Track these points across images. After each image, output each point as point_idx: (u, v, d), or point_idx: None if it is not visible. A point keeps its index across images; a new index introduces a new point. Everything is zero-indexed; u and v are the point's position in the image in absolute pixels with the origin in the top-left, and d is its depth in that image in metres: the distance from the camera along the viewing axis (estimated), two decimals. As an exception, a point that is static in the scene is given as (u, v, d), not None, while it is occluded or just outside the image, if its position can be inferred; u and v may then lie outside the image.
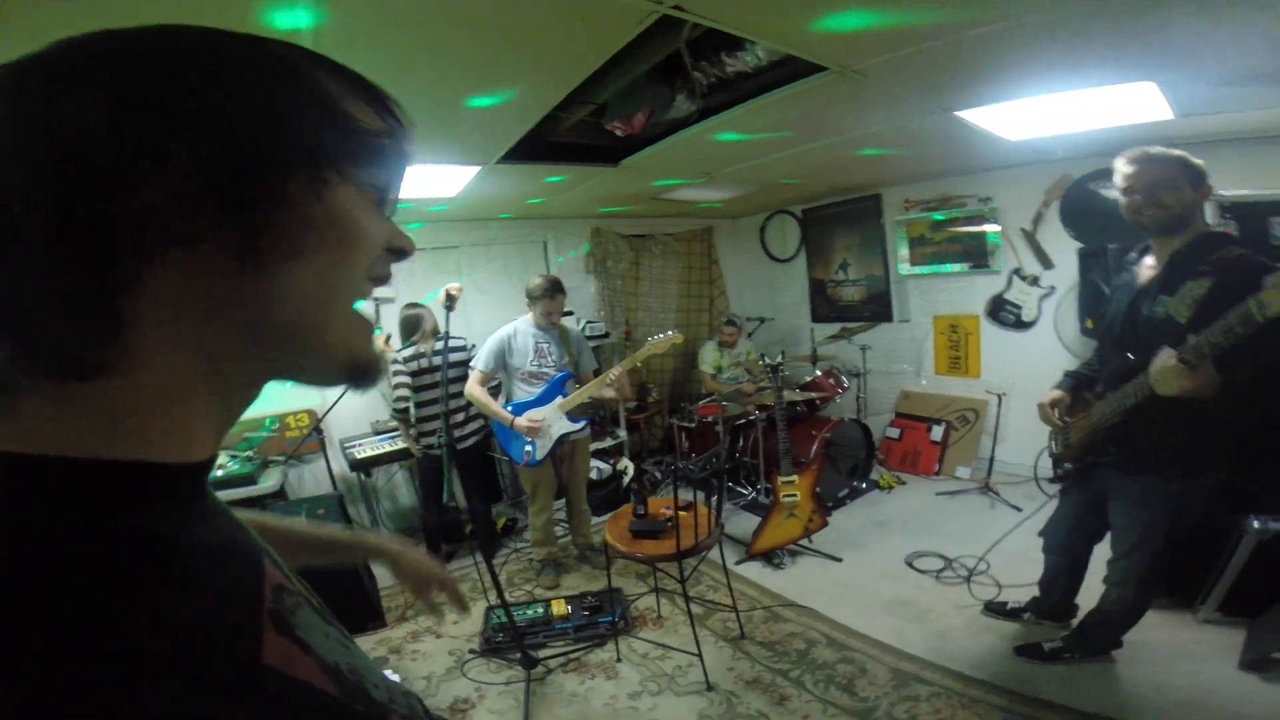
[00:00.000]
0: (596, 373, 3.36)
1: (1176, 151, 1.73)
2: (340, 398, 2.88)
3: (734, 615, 2.64)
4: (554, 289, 3.05)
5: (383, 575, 3.32)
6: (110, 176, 0.28)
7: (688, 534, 2.31)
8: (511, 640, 2.48)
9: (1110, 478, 1.95)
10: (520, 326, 3.13)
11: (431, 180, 2.95)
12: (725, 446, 3.33)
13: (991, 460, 4.01)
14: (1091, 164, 3.64)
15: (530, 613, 2.78)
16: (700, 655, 2.32)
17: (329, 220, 0.35)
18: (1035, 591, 2.48)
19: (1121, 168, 1.79)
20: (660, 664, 2.45)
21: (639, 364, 3.28)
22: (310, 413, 3.71)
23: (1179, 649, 2.20)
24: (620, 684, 2.34)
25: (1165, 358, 1.56)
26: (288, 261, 0.34)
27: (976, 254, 4.33)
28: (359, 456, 3.63)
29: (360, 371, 0.40)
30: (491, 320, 3.71)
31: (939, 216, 4.44)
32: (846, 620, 2.64)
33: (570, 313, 4.46)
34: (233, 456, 3.23)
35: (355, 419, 3.95)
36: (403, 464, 3.99)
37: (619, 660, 2.48)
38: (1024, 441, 4.04)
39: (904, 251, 4.72)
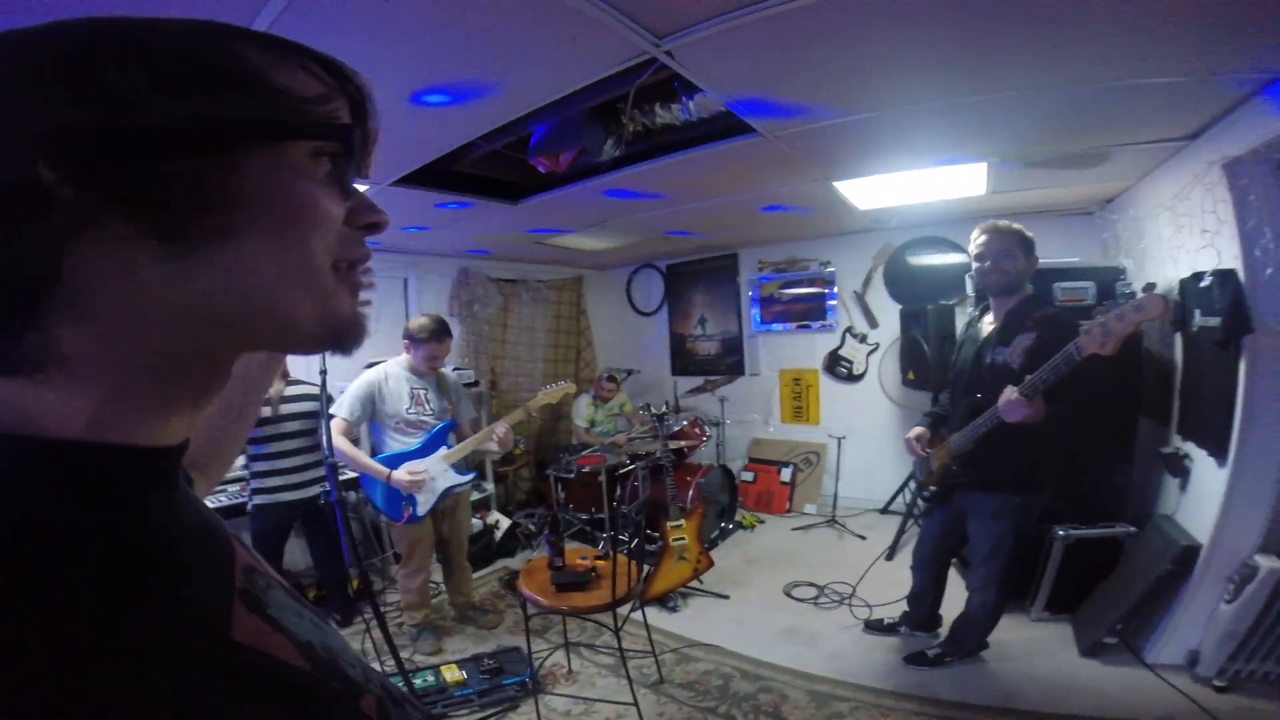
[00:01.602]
0: (474, 423, 3.15)
1: (1016, 225, 2.18)
2: None
3: (650, 661, 2.57)
4: (440, 331, 2.81)
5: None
6: (5, 176, 0.28)
7: (618, 582, 2.21)
8: (419, 714, 2.11)
9: (968, 497, 2.31)
10: (392, 370, 2.83)
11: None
12: (645, 496, 3.28)
13: (835, 496, 4.46)
14: (909, 234, 4.39)
15: (420, 681, 2.42)
16: (636, 704, 2.20)
17: (263, 196, 0.34)
18: (904, 607, 2.79)
19: (977, 237, 2.21)
20: (588, 719, 2.27)
21: (533, 413, 3.15)
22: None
23: (1030, 645, 2.59)
24: None
25: (1009, 393, 1.93)
26: (221, 242, 0.32)
27: (815, 313, 4.93)
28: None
29: (339, 336, 0.39)
30: (339, 363, 3.30)
31: (788, 278, 4.98)
32: (751, 652, 2.71)
33: (437, 356, 4.15)
34: None
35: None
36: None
37: None
38: (860, 478, 4.60)
39: (755, 310, 5.20)
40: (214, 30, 0.34)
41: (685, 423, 4.56)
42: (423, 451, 2.81)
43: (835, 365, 4.86)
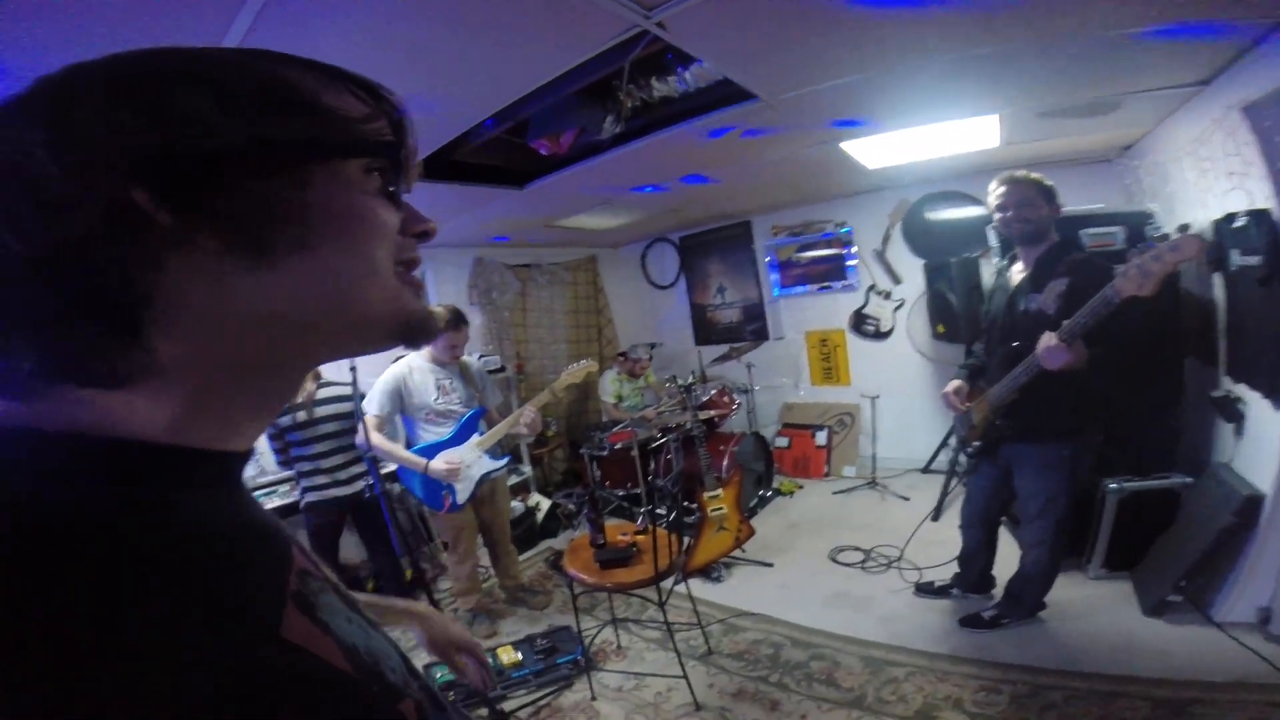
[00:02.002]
0: (501, 407, 3.19)
1: (1035, 174, 2.12)
2: None
3: (698, 633, 2.61)
4: (457, 320, 2.85)
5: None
6: (97, 192, 0.30)
7: (660, 556, 2.24)
8: (470, 697, 2.22)
9: (1014, 450, 2.25)
10: (416, 363, 2.88)
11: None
12: (679, 468, 3.30)
13: (874, 457, 4.43)
14: (924, 189, 4.27)
15: None
16: (686, 676, 2.25)
17: (329, 210, 0.37)
18: (953, 569, 2.75)
19: (994, 189, 2.17)
20: (638, 694, 2.33)
21: (557, 396, 3.19)
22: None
23: (1089, 603, 2.52)
24: None
25: (1047, 339, 1.90)
26: (297, 252, 0.35)
27: (836, 274, 4.85)
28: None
29: (410, 330, 0.42)
30: (371, 358, 3.36)
31: (804, 241, 4.90)
32: (801, 620, 2.71)
33: (462, 345, 4.21)
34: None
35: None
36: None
37: (594, 699, 2.32)
38: (898, 438, 4.55)
39: (774, 275, 5.14)
40: (265, 57, 0.37)
41: (713, 392, 4.56)
42: (456, 440, 2.87)
43: (861, 324, 4.79)
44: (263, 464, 3.35)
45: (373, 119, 0.39)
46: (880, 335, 4.72)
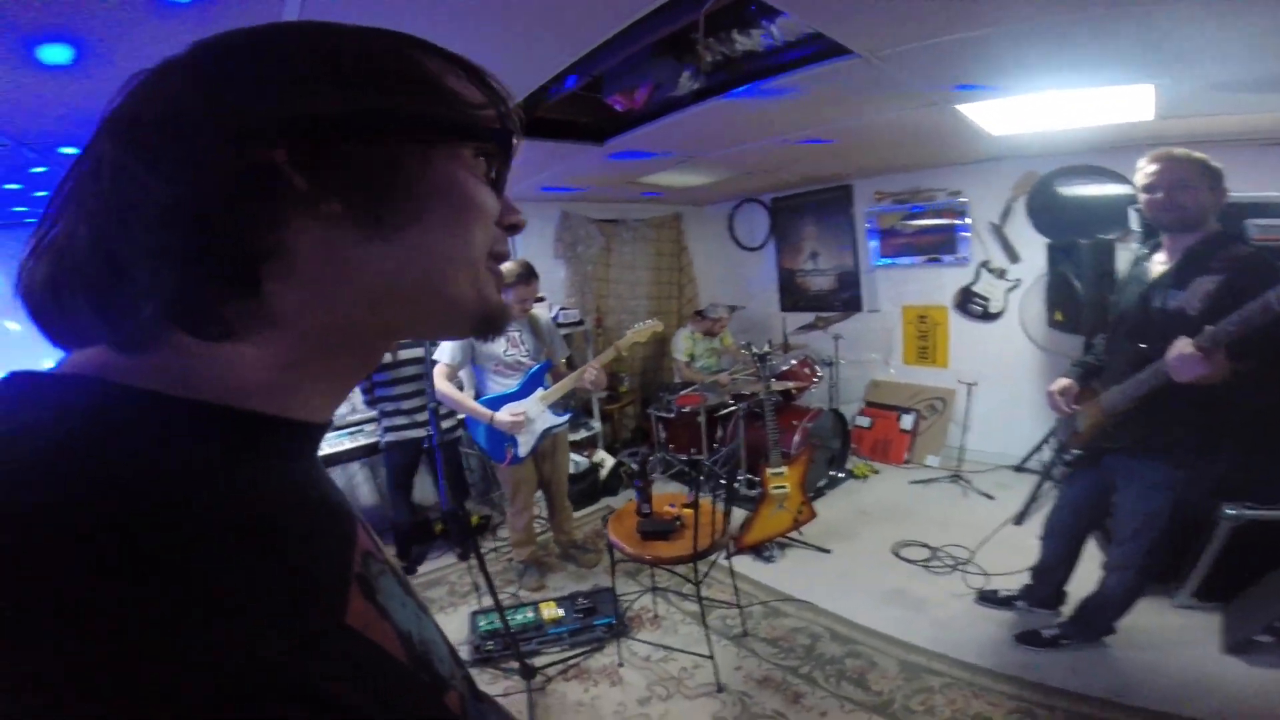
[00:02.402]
0: (569, 362, 3.22)
1: (1198, 154, 1.79)
2: None
3: (736, 612, 2.58)
4: (528, 274, 2.87)
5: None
6: (236, 147, 0.31)
7: (702, 534, 2.21)
8: (506, 649, 2.33)
9: (1120, 464, 2.00)
10: None
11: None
12: (734, 444, 3.23)
13: (962, 449, 4.11)
14: (1057, 161, 3.75)
15: (520, 617, 2.63)
16: (713, 657, 2.24)
17: (443, 187, 0.38)
18: (1024, 579, 2.53)
19: (1145, 166, 1.85)
20: (664, 666, 2.36)
21: (623, 352, 3.17)
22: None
23: (1164, 634, 2.27)
24: (626, 690, 2.24)
25: (1182, 345, 1.63)
26: (409, 226, 0.36)
27: (945, 246, 4.41)
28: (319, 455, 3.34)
29: (488, 321, 0.42)
30: None
31: (911, 209, 4.48)
32: (847, 613, 2.61)
33: (543, 299, 4.27)
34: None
35: (310, 414, 3.64)
36: (362, 462, 3.73)
37: (621, 665, 2.37)
38: (992, 431, 4.18)
39: (874, 243, 4.77)
40: (393, 35, 0.39)
41: (794, 362, 4.38)
42: (521, 393, 2.94)
43: (968, 302, 4.37)
44: (353, 402, 3.62)
45: (487, 106, 0.40)
46: (988, 316, 4.29)
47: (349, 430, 3.57)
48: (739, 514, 3.43)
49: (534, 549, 3.15)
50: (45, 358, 0.36)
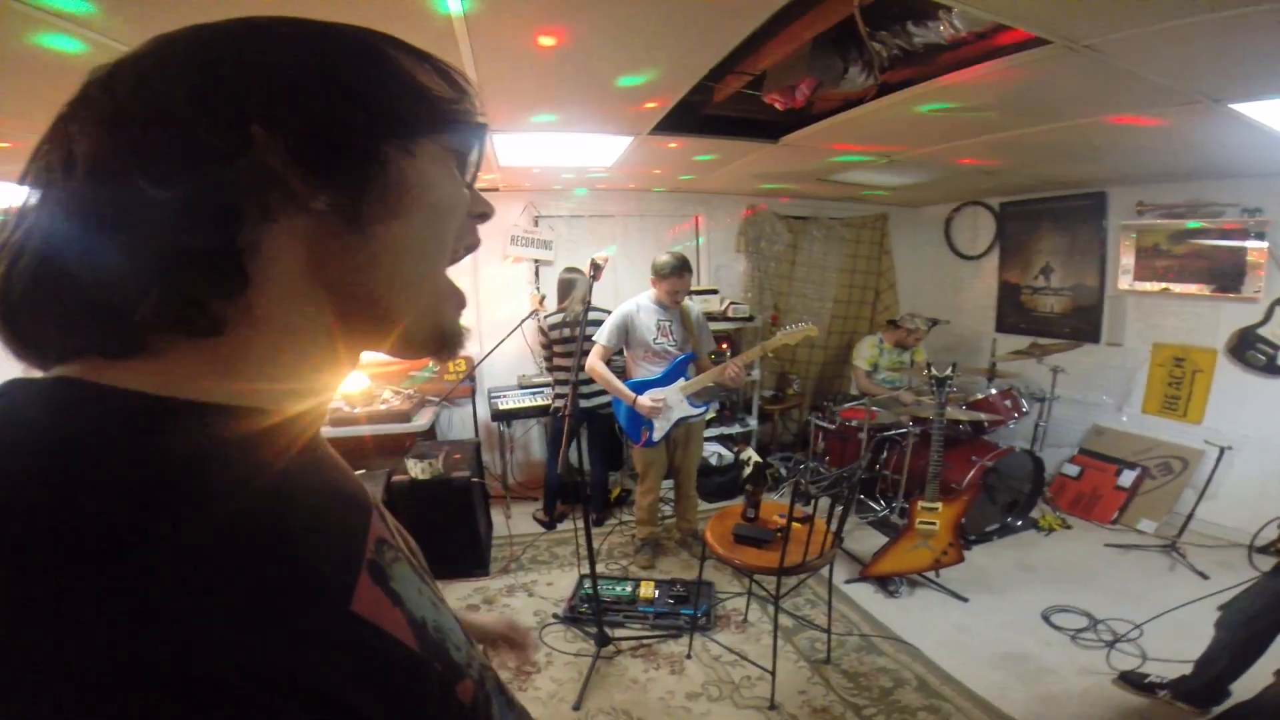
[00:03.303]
0: (719, 355, 3.24)
1: None
2: (496, 347, 3.05)
3: (825, 637, 2.46)
4: (682, 267, 2.96)
5: (499, 524, 3.57)
6: (231, 144, 0.32)
7: (796, 549, 2.14)
8: (592, 615, 2.53)
9: None
10: (643, 303, 3.08)
11: (587, 149, 2.97)
12: (866, 459, 3.03)
13: (1190, 517, 3.25)
14: None
15: (618, 589, 2.80)
16: (774, 673, 2.19)
17: (419, 183, 0.38)
18: (1184, 669, 2.10)
19: None
20: (730, 669, 2.35)
21: (769, 354, 3.11)
22: (468, 359, 3.98)
23: None
24: (683, 681, 2.29)
25: None
26: (385, 222, 0.37)
27: (1228, 275, 3.45)
28: (502, 408, 3.85)
29: (444, 341, 0.43)
30: (641, 291, 3.71)
31: (1188, 225, 3.57)
32: (949, 666, 2.35)
33: (715, 291, 4.33)
34: (395, 393, 3.60)
35: (505, 371, 4.20)
36: (541, 420, 4.17)
37: (689, 657, 2.42)
38: (1241, 504, 3.27)
39: (1128, 262, 3.90)
40: (372, 34, 0.39)
41: (994, 391, 3.86)
42: (664, 380, 3.07)
43: (1249, 348, 3.39)
44: (540, 364, 4.08)
45: (458, 101, 0.41)
46: (1274, 370, 3.28)
47: (532, 390, 4.04)
48: (876, 540, 3.18)
49: (654, 529, 3.29)
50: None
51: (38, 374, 0.34)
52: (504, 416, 3.88)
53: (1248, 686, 1.90)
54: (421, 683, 0.36)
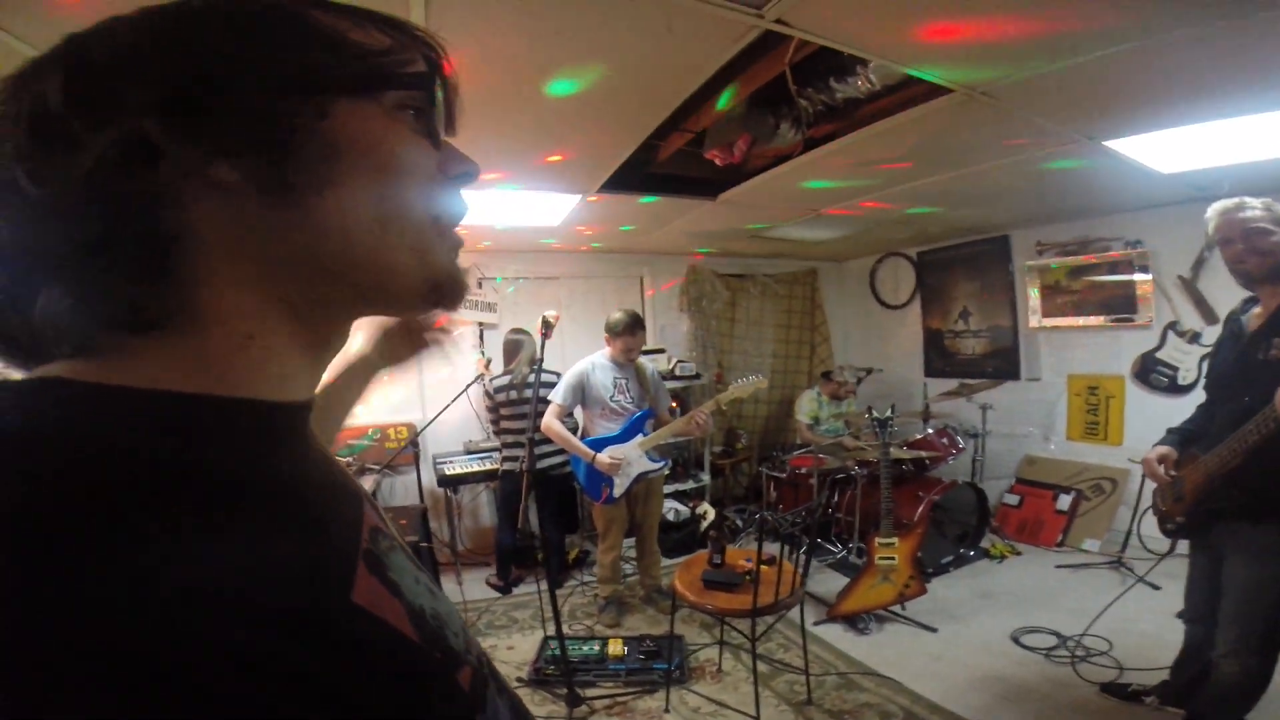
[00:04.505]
0: (672, 412, 3.27)
1: (1265, 200, 1.76)
2: (440, 413, 2.94)
3: (803, 678, 2.40)
4: (635, 324, 3.02)
5: (451, 591, 3.34)
6: (105, 130, 0.30)
7: (767, 590, 2.11)
8: (561, 675, 2.39)
9: (1229, 531, 1.81)
10: (598, 361, 3.10)
11: (535, 209, 3.03)
12: (821, 501, 3.09)
13: (1129, 534, 3.43)
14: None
15: (585, 649, 2.69)
16: (758, 718, 2.10)
17: (357, 145, 0.35)
18: (1164, 675, 2.21)
19: (1213, 218, 1.83)
20: None
21: (723, 407, 3.16)
22: (410, 426, 3.85)
23: None
24: None
25: None
26: (320, 192, 0.34)
27: (1122, 305, 3.82)
28: (448, 473, 3.72)
29: (439, 289, 0.40)
30: (587, 352, 3.72)
31: (1082, 262, 3.96)
32: (930, 694, 2.34)
33: (662, 350, 4.40)
34: (333, 462, 3.39)
35: (450, 437, 4.05)
36: (489, 485, 4.04)
37: (667, 710, 2.31)
38: (1176, 522, 3.44)
39: (1035, 301, 4.26)
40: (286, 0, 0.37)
41: (930, 431, 4.02)
42: (622, 437, 3.05)
43: (1151, 371, 3.72)
44: (486, 430, 3.98)
45: (398, 52, 0.37)
46: (1176, 389, 3.60)
47: (479, 455, 3.91)
48: (839, 582, 3.18)
49: (617, 587, 3.18)
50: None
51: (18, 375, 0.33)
52: (451, 482, 3.75)
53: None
54: (423, 674, 0.36)
